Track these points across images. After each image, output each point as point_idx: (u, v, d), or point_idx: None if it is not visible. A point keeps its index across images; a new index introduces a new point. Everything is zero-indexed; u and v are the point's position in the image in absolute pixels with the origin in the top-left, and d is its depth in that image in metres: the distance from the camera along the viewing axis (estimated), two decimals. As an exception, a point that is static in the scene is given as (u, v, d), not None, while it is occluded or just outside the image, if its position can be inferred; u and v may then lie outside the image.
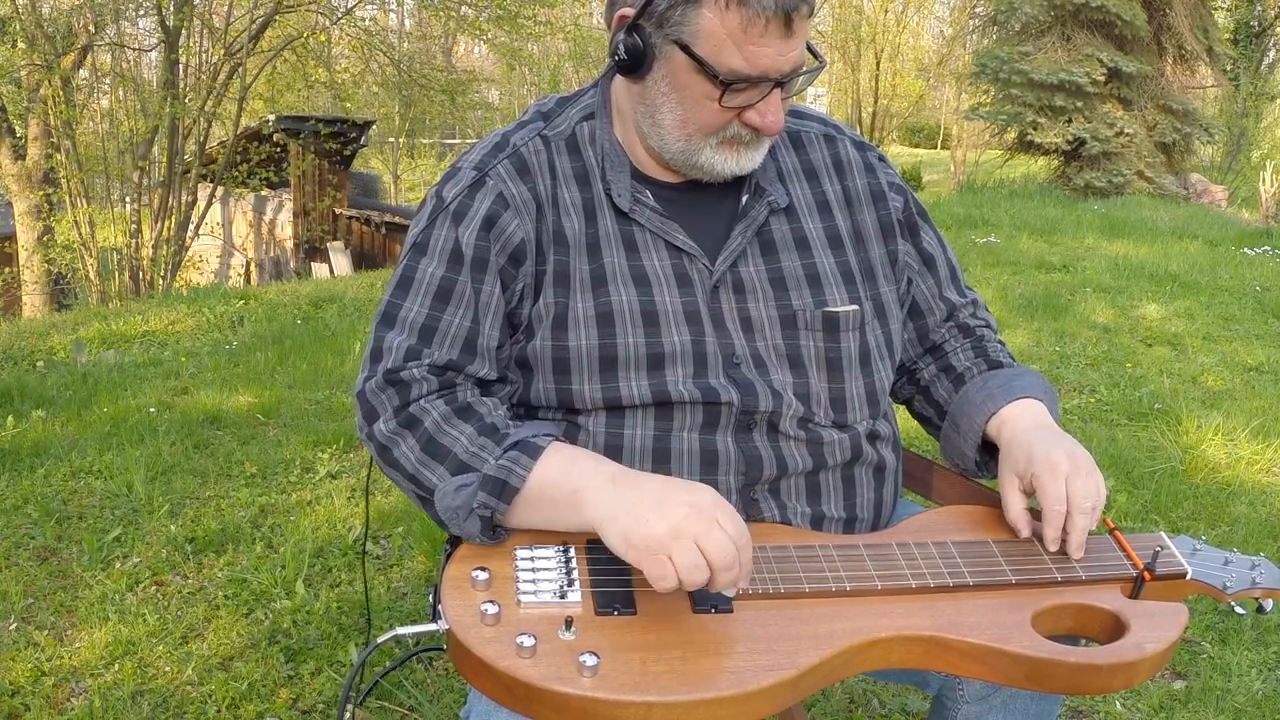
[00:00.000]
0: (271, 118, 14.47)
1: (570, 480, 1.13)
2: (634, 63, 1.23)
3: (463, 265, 1.25)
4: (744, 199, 1.34)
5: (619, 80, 1.32)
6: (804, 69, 1.22)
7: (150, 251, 11.80)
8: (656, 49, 1.21)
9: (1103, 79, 12.70)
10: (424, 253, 1.27)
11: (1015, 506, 1.26)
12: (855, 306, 1.33)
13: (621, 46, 1.23)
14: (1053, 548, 1.21)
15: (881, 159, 1.45)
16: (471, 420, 1.19)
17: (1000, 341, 1.47)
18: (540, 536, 1.17)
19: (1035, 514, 1.26)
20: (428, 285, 1.26)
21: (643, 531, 1.05)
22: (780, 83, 1.20)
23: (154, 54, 13.26)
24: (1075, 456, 1.23)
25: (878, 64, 30.71)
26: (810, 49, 1.23)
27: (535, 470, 1.14)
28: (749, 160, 1.28)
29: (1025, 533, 1.24)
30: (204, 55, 12.32)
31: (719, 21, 1.16)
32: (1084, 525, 1.20)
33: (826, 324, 1.31)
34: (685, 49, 1.18)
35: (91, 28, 11.71)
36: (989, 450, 1.36)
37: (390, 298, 1.27)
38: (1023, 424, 1.30)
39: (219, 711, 2.13)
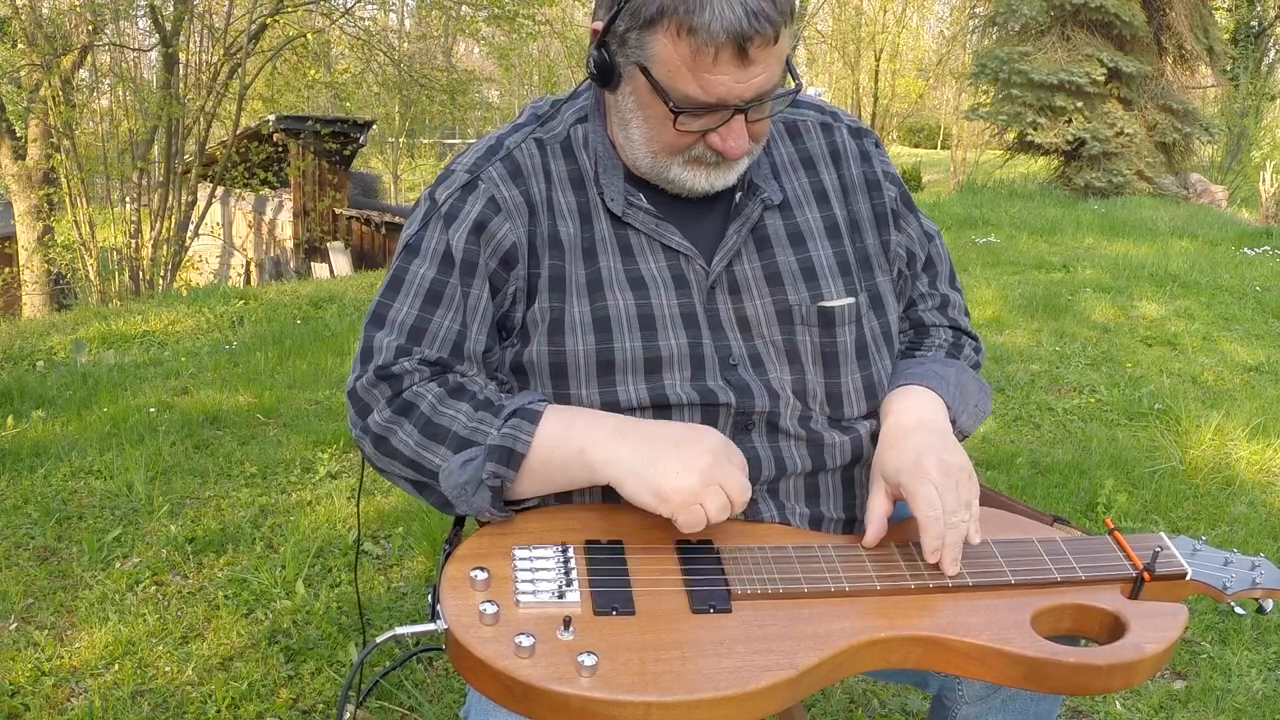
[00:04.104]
0: (271, 118, 14.48)
1: (574, 439, 1.15)
2: (603, 77, 1.23)
3: (453, 268, 1.26)
4: (737, 196, 1.33)
5: None
6: (777, 93, 1.20)
7: (150, 251, 11.80)
8: (621, 67, 1.21)
9: (1103, 79, 12.70)
10: (415, 254, 1.28)
11: (874, 509, 1.23)
12: (851, 299, 1.33)
13: (591, 61, 1.24)
14: (931, 558, 1.16)
15: (878, 145, 1.44)
16: (465, 398, 1.20)
17: (965, 346, 1.44)
18: (539, 536, 1.17)
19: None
20: (418, 287, 1.26)
21: (674, 484, 1.11)
22: (743, 109, 1.18)
23: (154, 54, 13.26)
24: (948, 465, 1.19)
25: (878, 64, 30.73)
26: (790, 69, 1.21)
27: (538, 434, 1.16)
28: (720, 179, 1.27)
29: (873, 538, 1.21)
30: (203, 55, 12.32)
31: (672, 49, 1.14)
32: (954, 539, 1.16)
33: (822, 319, 1.31)
34: (645, 71, 1.18)
35: (90, 28, 11.70)
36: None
37: (381, 298, 1.28)
38: (904, 422, 1.28)
39: (219, 711, 2.13)
